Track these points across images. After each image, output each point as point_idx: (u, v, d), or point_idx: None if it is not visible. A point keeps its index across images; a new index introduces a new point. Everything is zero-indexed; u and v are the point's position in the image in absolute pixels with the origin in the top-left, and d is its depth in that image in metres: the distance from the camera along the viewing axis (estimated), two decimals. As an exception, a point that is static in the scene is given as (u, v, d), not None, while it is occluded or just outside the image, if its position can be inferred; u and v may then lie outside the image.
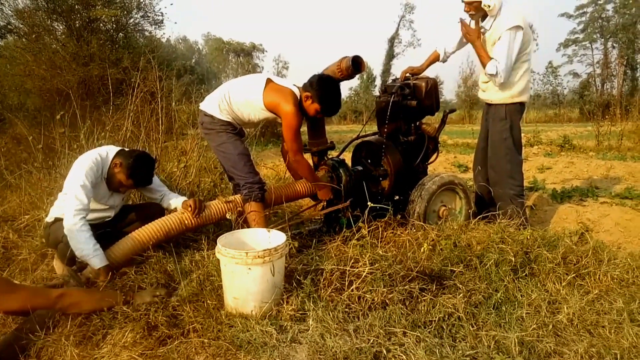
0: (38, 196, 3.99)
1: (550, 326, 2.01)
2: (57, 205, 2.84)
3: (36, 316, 2.21)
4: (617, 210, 4.13)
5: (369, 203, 2.65)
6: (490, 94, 3.64)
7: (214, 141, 3.05)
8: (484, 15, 3.53)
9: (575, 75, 31.53)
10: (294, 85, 3.02)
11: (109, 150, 2.84)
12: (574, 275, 2.43)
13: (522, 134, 3.82)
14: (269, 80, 2.96)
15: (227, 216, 2.95)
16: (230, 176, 3.21)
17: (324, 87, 2.93)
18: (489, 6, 3.39)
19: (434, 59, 3.96)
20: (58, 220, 2.74)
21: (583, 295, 2.29)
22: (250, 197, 2.94)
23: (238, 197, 3.05)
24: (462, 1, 3.53)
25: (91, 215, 2.71)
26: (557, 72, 31.18)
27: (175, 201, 3.02)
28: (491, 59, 3.42)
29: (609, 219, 3.94)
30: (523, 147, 3.79)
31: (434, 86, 3.55)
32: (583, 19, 30.41)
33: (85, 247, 2.46)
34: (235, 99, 2.94)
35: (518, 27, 3.35)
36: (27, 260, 3.11)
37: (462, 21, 3.57)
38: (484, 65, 3.47)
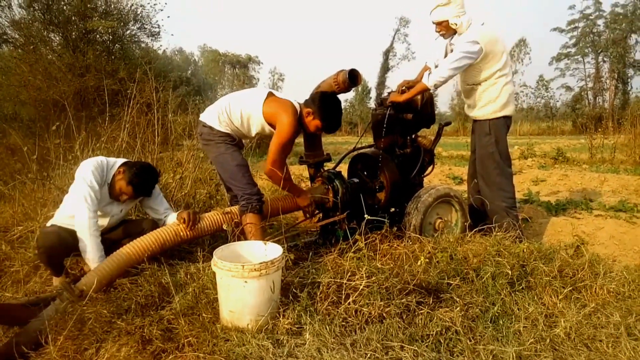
0: (32, 207, 3.95)
1: (548, 340, 2.00)
2: (59, 209, 2.85)
3: (29, 329, 2.19)
4: (611, 223, 4.15)
5: (365, 215, 2.65)
6: (474, 110, 3.68)
7: (213, 152, 3.04)
8: (453, 34, 3.63)
9: (568, 88, 31.98)
10: (295, 100, 3.03)
11: (118, 161, 2.91)
12: (571, 288, 2.43)
13: (516, 147, 3.88)
14: (270, 94, 2.98)
15: (224, 227, 2.93)
16: (228, 187, 3.20)
17: (326, 104, 2.95)
18: (456, 24, 3.49)
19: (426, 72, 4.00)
20: (51, 226, 2.74)
21: (580, 308, 2.28)
22: (248, 209, 2.92)
23: (235, 208, 3.03)
24: (433, 22, 3.61)
25: None
26: (548, 85, 31.54)
27: (172, 217, 3.01)
28: (422, 81, 3.47)
29: (604, 231, 3.96)
30: (518, 160, 3.81)
31: (429, 99, 3.57)
32: (575, 33, 30.91)
33: (94, 254, 2.61)
34: (236, 110, 2.95)
35: (473, 42, 3.39)
36: (20, 272, 3.07)
37: (402, 84, 3.61)
38: (427, 89, 3.46)
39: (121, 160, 2.94)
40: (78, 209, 2.65)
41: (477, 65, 3.49)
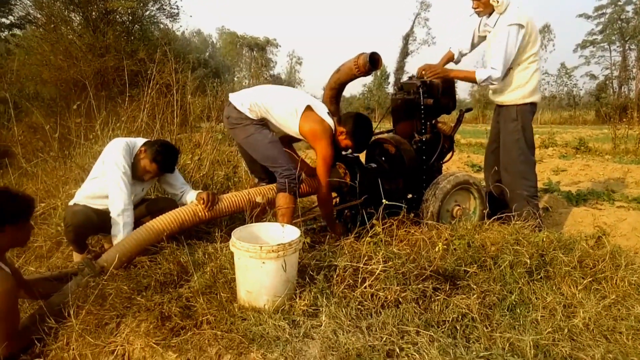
0: (54, 185, 4.04)
1: (566, 330, 1.98)
2: (77, 192, 2.89)
3: (52, 303, 2.25)
4: (634, 215, 4.06)
5: (383, 200, 2.64)
6: (501, 95, 3.61)
7: (240, 135, 3.00)
8: (491, 13, 3.53)
9: (592, 77, 31.18)
10: (327, 113, 3.04)
11: (138, 141, 2.95)
12: (591, 279, 2.39)
13: (537, 136, 3.80)
14: (309, 107, 2.95)
15: (258, 200, 2.95)
16: (252, 169, 3.19)
17: (359, 127, 3.06)
18: (497, 2, 3.39)
19: (449, 58, 3.94)
20: (75, 205, 2.79)
21: (599, 300, 2.25)
22: (286, 189, 2.89)
23: (269, 187, 3.06)
24: None
25: (103, 201, 2.77)
26: (571, 73, 30.78)
27: (191, 195, 3.03)
28: (475, 70, 3.42)
29: (626, 223, 3.88)
30: (538, 149, 3.76)
31: (450, 85, 3.51)
32: (602, 20, 29.96)
33: (126, 234, 2.67)
34: (271, 112, 2.95)
35: (519, 25, 3.34)
36: (43, 247, 3.15)
37: (423, 69, 3.56)
38: (473, 80, 3.44)
39: (141, 140, 2.98)
40: (115, 197, 2.70)
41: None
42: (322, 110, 3.03)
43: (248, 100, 2.95)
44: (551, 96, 31.28)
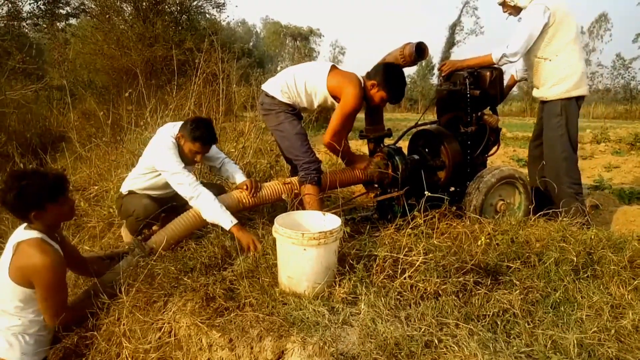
0: (106, 169, 4.23)
1: (613, 331, 1.92)
2: (131, 178, 3.01)
3: (105, 280, 2.38)
4: (692, 216, 3.85)
5: (425, 192, 2.62)
6: (543, 90, 3.50)
7: (272, 122, 3.09)
8: (519, 11, 3.52)
9: (652, 68, 29.38)
10: (361, 75, 3.02)
11: (175, 129, 2.92)
12: (642, 280, 2.30)
13: (588, 130, 3.67)
14: (334, 67, 3.00)
15: (283, 197, 3.01)
16: (287, 158, 3.26)
17: (390, 74, 2.95)
18: (514, 1, 3.43)
19: (512, 83, 4.00)
20: (131, 193, 2.92)
21: (651, 302, 2.16)
22: (307, 180, 2.97)
23: (295, 179, 3.09)
24: (498, 4, 3.60)
25: (162, 191, 2.89)
26: (628, 65, 29.08)
27: (234, 175, 3.10)
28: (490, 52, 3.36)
29: (683, 224, 3.69)
30: (589, 144, 3.62)
31: (498, 76, 3.42)
32: (666, 8, 28.11)
33: (213, 211, 2.66)
34: (300, 82, 2.98)
35: (545, 7, 3.26)
36: (96, 228, 3.33)
37: (441, 69, 3.57)
38: (491, 62, 3.36)
39: (177, 126, 2.96)
40: (182, 192, 2.71)
41: (547, 35, 3.34)
42: (348, 69, 3.07)
43: (278, 83, 3.03)
44: (605, 89, 29.73)
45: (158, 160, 2.80)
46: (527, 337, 1.85)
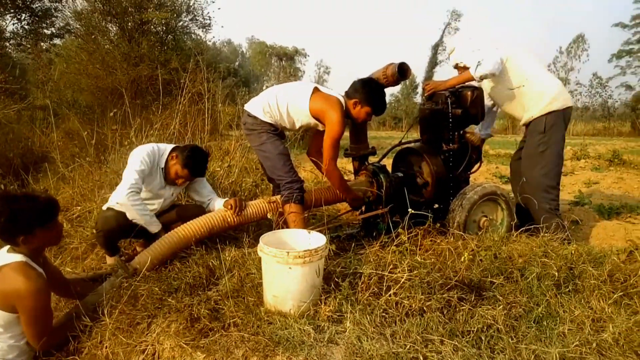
0: (89, 189, 4.19)
1: (594, 344, 1.95)
2: (114, 194, 3.01)
3: (87, 302, 2.34)
4: (670, 230, 3.94)
5: (409, 210, 2.66)
6: (529, 112, 3.57)
7: (255, 141, 3.12)
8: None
9: (628, 87, 30.22)
10: (340, 95, 3.07)
11: (167, 146, 3.05)
12: (621, 293, 2.34)
13: (568, 147, 3.76)
14: (316, 89, 3.03)
15: (268, 216, 3.02)
16: (270, 177, 3.27)
17: (369, 88, 3.02)
18: (464, 64, 3.63)
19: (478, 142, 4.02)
20: (108, 209, 2.91)
21: (630, 315, 2.20)
22: (290, 199, 2.99)
23: (279, 197, 3.10)
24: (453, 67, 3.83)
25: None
26: (605, 84, 29.88)
27: (219, 203, 3.11)
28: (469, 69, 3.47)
29: (661, 238, 3.77)
30: (570, 160, 3.69)
31: (479, 95, 3.51)
32: (639, 29, 29.07)
33: (142, 214, 2.78)
34: (282, 103, 3.01)
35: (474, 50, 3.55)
36: (78, 249, 3.28)
37: (424, 88, 3.71)
38: (471, 79, 3.44)
39: (170, 146, 3.07)
40: (119, 189, 2.80)
41: (510, 68, 3.52)
42: (329, 90, 3.10)
43: (260, 103, 3.06)
44: (584, 107, 30.46)
45: (131, 158, 2.88)
46: (511, 352, 1.87)
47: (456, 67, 3.77)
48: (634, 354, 1.94)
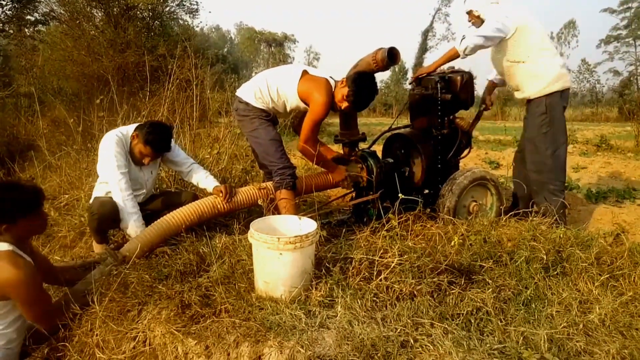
0: (77, 177, 4.15)
1: (581, 325, 1.98)
2: (95, 188, 2.99)
3: (77, 290, 2.33)
4: (655, 213, 4.01)
5: (400, 195, 2.66)
6: (526, 90, 3.56)
7: (247, 127, 3.10)
8: (482, 23, 3.59)
9: (616, 73, 30.45)
10: (330, 77, 3.04)
11: (129, 128, 2.97)
12: (608, 276, 2.38)
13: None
14: (305, 72, 3.00)
15: (259, 202, 3.00)
16: (261, 164, 3.25)
17: (360, 82, 2.93)
18: (480, 14, 3.54)
19: (491, 88, 4.05)
20: (96, 199, 2.88)
21: (616, 296, 2.24)
22: (281, 185, 2.98)
23: (270, 184, 3.09)
24: (465, 12, 3.68)
25: None
26: (593, 69, 30.07)
27: (206, 182, 3.09)
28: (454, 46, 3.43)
29: (647, 221, 3.83)
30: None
31: (469, 80, 3.50)
32: (627, 14, 29.19)
33: (133, 230, 2.76)
34: (272, 87, 2.99)
35: (504, 17, 3.38)
36: (67, 237, 3.25)
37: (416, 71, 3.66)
38: (457, 55, 3.42)
39: (133, 127, 2.98)
40: (112, 190, 2.79)
41: (514, 40, 3.43)
42: (319, 71, 3.07)
43: (252, 88, 3.04)
44: (572, 93, 30.66)
45: (102, 154, 2.85)
46: (500, 334, 1.89)
47: (469, 14, 3.62)
48: (619, 334, 1.98)
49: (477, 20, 3.60)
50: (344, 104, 2.97)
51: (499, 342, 1.83)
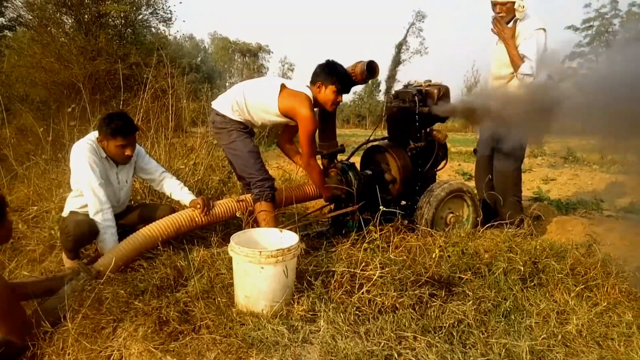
0: (46, 188, 4.00)
1: (560, 336, 2.02)
2: (68, 202, 2.89)
3: (47, 307, 2.23)
4: (623, 225, 4.14)
5: (381, 207, 2.67)
6: None
7: (224, 140, 3.06)
8: (511, 19, 3.63)
9: (580, 88, 31.51)
10: (307, 86, 3.04)
11: (93, 135, 2.87)
12: (583, 286, 2.43)
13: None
14: (283, 86, 2.98)
15: (237, 215, 2.96)
16: (240, 176, 3.22)
17: (328, 68, 2.98)
18: (523, 7, 3.49)
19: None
20: (72, 213, 2.78)
21: (591, 307, 2.29)
22: (261, 197, 2.95)
23: (249, 196, 3.05)
24: (494, 3, 3.61)
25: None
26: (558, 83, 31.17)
27: (181, 194, 3.03)
28: (523, 60, 3.47)
29: (615, 232, 3.94)
30: (527, 158, 3.85)
31: (445, 93, 3.56)
32: (590, 32, 30.41)
33: (108, 244, 2.70)
34: (250, 102, 2.96)
35: (544, 30, 3.47)
36: (36, 251, 3.12)
37: (496, 19, 3.61)
38: (516, 66, 3.49)
39: (96, 133, 2.89)
40: (89, 200, 2.71)
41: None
42: (297, 84, 3.05)
43: (228, 101, 3.00)
44: (539, 106, 31.63)
45: (74, 164, 2.77)
46: (482, 346, 1.91)
47: (504, 3, 3.57)
48: (596, 344, 2.02)
49: (507, 14, 3.59)
50: (335, 102, 3.02)
51: (482, 354, 1.84)
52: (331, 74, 2.96)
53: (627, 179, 6.83)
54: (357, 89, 36.96)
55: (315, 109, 3.05)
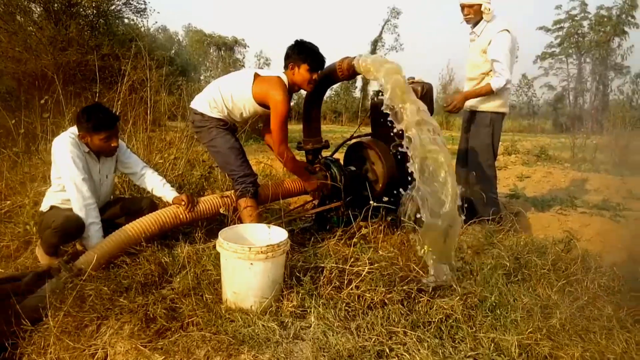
0: (19, 181, 3.86)
1: (544, 330, 2.05)
2: (48, 196, 2.79)
3: (26, 305, 2.15)
4: (597, 221, 4.26)
5: (371, 202, 2.68)
6: (476, 102, 3.73)
7: (205, 138, 3.01)
8: (477, 21, 3.68)
9: (550, 87, 32.36)
10: (282, 73, 3.00)
11: (75, 129, 2.80)
12: (564, 281, 2.49)
13: (500, 143, 3.99)
14: (256, 74, 2.93)
15: (221, 211, 2.92)
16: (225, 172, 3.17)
17: (297, 47, 2.92)
18: (489, 9, 3.55)
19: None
20: (53, 208, 2.69)
21: (573, 301, 2.35)
22: (244, 193, 2.91)
23: (232, 192, 3.01)
24: (462, 5, 3.67)
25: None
26: (531, 83, 31.93)
27: (163, 190, 2.96)
28: (489, 83, 3.55)
29: (590, 228, 4.06)
30: (502, 155, 3.95)
31: (429, 91, 3.58)
32: (560, 33, 31.18)
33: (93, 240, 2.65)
34: (226, 95, 2.91)
35: (508, 31, 3.53)
36: (10, 247, 3.01)
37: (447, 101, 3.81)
38: (489, 92, 3.57)
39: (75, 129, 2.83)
40: (72, 195, 2.65)
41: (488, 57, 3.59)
42: (271, 71, 3.02)
43: (205, 98, 2.96)
44: (511, 105, 32.37)
45: (58, 158, 2.70)
46: (471, 341, 1.93)
47: (470, 6, 3.65)
48: (579, 338, 2.07)
49: (475, 16, 3.66)
50: (312, 80, 2.94)
51: (471, 349, 1.86)
52: (301, 52, 2.89)
53: (598, 177, 7.05)
54: (334, 85, 37.02)
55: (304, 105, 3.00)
